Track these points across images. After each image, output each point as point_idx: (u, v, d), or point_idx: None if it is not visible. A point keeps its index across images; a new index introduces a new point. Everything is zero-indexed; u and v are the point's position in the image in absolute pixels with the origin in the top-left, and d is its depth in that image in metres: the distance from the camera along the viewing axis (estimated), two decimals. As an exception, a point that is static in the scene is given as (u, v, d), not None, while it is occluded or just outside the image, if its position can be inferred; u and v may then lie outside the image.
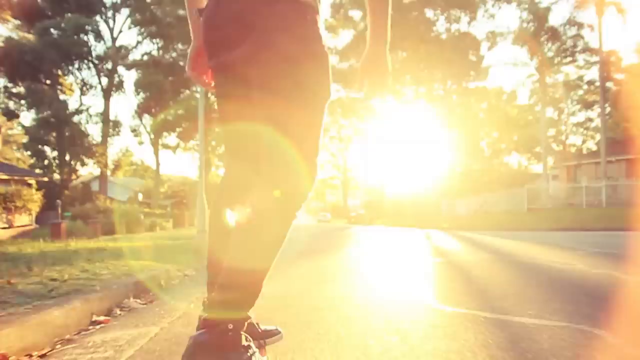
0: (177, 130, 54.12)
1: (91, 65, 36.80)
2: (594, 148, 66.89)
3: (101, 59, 37.27)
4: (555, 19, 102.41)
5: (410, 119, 46.84)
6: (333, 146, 75.83)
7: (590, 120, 70.16)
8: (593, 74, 49.51)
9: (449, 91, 42.84)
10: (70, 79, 37.71)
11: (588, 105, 66.90)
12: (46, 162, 35.53)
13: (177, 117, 46.58)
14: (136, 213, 25.51)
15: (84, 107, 35.92)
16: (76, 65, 35.53)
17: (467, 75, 43.43)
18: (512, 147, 76.19)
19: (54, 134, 34.76)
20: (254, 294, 1.71)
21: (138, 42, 42.54)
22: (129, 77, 40.94)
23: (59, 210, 20.13)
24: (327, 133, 74.92)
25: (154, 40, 42.05)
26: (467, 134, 64.48)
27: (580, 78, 55.32)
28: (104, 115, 37.48)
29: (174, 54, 47.59)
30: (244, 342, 1.62)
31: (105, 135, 36.62)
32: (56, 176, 35.70)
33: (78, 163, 35.89)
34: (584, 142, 69.08)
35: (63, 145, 34.24)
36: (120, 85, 40.06)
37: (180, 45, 43.87)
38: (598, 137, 68.56)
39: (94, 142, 35.40)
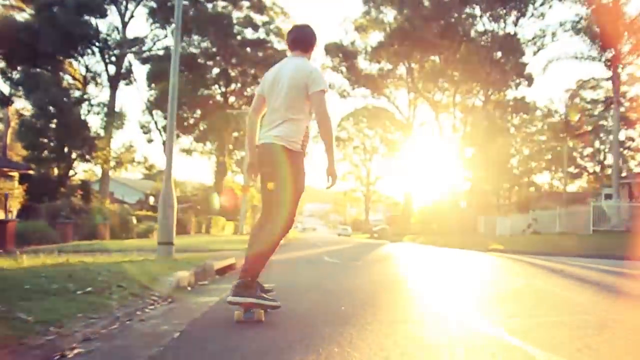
0: (194, 132, 49.91)
1: (96, 50, 32.44)
2: (637, 169, 61.08)
3: (107, 43, 32.84)
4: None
5: (442, 129, 41.73)
6: (356, 156, 70.73)
7: (632, 139, 63.82)
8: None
9: (488, 100, 37.57)
10: (73, 65, 33.47)
11: (630, 124, 60.91)
12: (44, 154, 30.97)
13: (191, 116, 42.11)
14: (125, 215, 20.66)
15: (87, 97, 31.20)
16: (79, 49, 31.20)
17: (507, 82, 38.14)
18: (542, 166, 70.03)
19: (53, 125, 30.26)
20: (258, 270, 3.64)
21: (152, 32, 37.66)
22: (141, 70, 38.08)
23: (5, 206, 15.25)
24: (350, 143, 69.99)
25: (167, 29, 37.63)
26: (499, 149, 59.13)
27: None
28: (109, 107, 32.98)
29: (190, 48, 43.20)
30: (256, 287, 3.59)
31: (108, 129, 32.07)
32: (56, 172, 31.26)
33: (78, 158, 31.25)
34: (624, 162, 62.76)
35: (62, 137, 29.69)
36: (128, 74, 35.67)
37: (196, 37, 39.34)
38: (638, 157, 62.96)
39: (96, 135, 30.77)
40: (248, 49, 46.44)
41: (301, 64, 3.74)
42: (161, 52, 41.06)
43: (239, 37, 46.88)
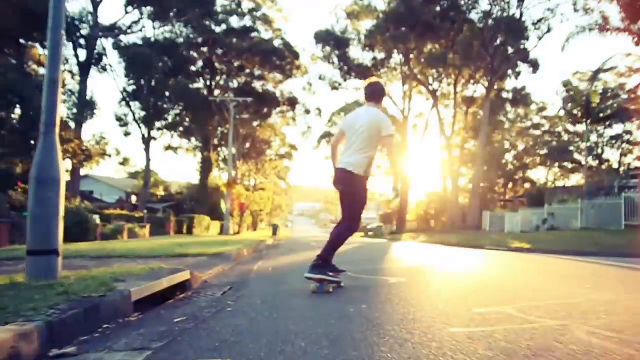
0: (177, 129, 46.16)
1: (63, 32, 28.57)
2: (636, 164, 58.07)
3: (75, 24, 28.90)
4: None
5: (441, 122, 38.20)
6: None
7: (629, 133, 60.64)
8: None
9: (491, 89, 34.06)
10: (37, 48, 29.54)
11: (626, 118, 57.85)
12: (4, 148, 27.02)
13: (172, 108, 38.38)
14: (83, 214, 16.97)
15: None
16: (43, 30, 27.36)
17: (510, 68, 34.71)
18: (537, 161, 66.86)
19: (14, 115, 26.42)
20: (330, 255, 5.00)
21: (126, 17, 33.73)
22: (116, 57, 35.13)
23: None
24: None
25: (145, 10, 33.80)
26: (496, 143, 55.98)
27: None
28: (80, 95, 29.17)
29: (169, 32, 39.40)
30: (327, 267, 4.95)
31: (78, 119, 28.25)
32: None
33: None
34: (623, 155, 59.69)
35: (24, 128, 25.80)
36: (100, 60, 31.78)
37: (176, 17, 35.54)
38: (637, 151, 59.96)
39: (64, 126, 26.89)
40: (234, 40, 42.81)
41: (376, 113, 5.05)
42: (140, 41, 37.33)
43: (224, 26, 43.28)
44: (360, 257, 10.42)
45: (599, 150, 60.96)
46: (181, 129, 47.14)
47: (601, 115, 24.46)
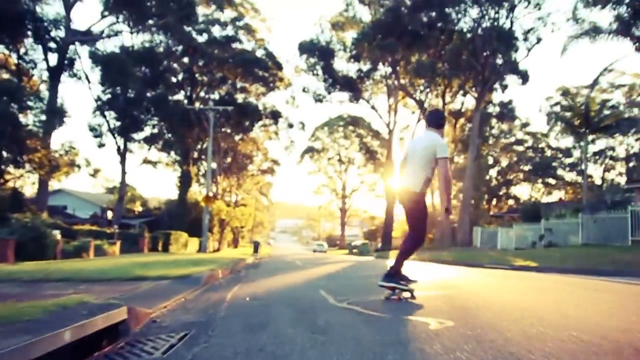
0: (157, 141, 44.01)
1: (29, 33, 26.37)
2: (619, 179, 57.31)
3: (45, 26, 26.78)
4: None
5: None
6: (331, 168, 65.43)
7: (612, 149, 60.06)
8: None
9: (481, 100, 32.70)
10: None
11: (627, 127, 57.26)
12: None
13: (151, 117, 36.27)
14: (40, 230, 14.88)
15: (19, 88, 24.97)
16: (10, 33, 25.17)
17: (500, 79, 33.43)
18: (520, 177, 65.91)
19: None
20: (400, 265, 5.30)
21: (102, 20, 31.59)
22: (91, 63, 32.87)
23: None
24: (325, 154, 64.70)
25: (121, 16, 31.78)
26: (480, 159, 54.76)
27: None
28: (50, 102, 27.02)
29: (149, 41, 37.46)
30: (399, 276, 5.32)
31: (47, 128, 26.07)
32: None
33: (7, 162, 25.24)
34: (606, 171, 58.99)
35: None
36: (72, 65, 29.60)
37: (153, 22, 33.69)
38: (619, 167, 59.28)
39: (30, 135, 24.71)
40: (216, 50, 41.00)
41: (434, 137, 5.41)
42: (117, 49, 35.26)
43: (205, 35, 41.50)
44: (357, 279, 8.57)
45: (582, 166, 60.27)
46: (160, 142, 45.14)
47: (602, 124, 23.15)
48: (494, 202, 64.58)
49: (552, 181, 63.36)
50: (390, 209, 43.86)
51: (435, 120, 5.55)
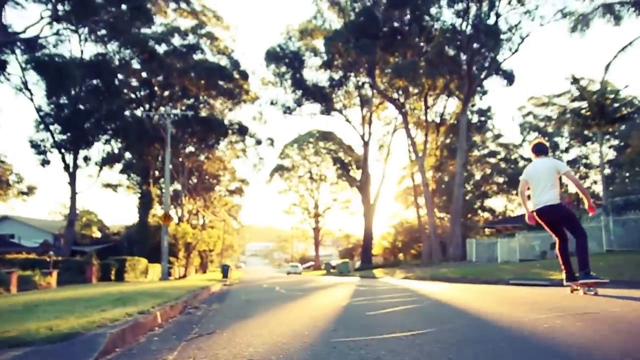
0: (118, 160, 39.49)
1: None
2: (595, 188, 55.26)
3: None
4: None
5: (409, 140, 33.23)
6: (302, 186, 61.45)
7: (585, 157, 58.28)
8: None
9: (468, 104, 29.56)
10: None
11: (584, 140, 55.22)
12: None
13: (103, 132, 31.77)
14: None
15: None
16: None
17: (484, 80, 30.45)
18: (494, 188, 63.24)
19: None
20: (588, 261, 5.78)
21: (42, 19, 27.14)
22: (33, 75, 29.18)
23: None
24: (296, 172, 60.79)
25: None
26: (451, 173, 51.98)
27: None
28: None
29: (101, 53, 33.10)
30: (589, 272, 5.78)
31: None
32: None
33: None
34: (580, 179, 56.78)
35: None
36: (3, 68, 25.10)
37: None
38: (594, 175, 57.35)
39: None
40: (176, 62, 36.97)
41: (551, 160, 6.43)
42: (61, 58, 30.80)
43: (163, 45, 37.44)
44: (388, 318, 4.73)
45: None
46: (120, 164, 40.61)
47: (617, 115, 20.17)
48: (469, 215, 61.81)
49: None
50: (369, 226, 40.21)
51: (543, 149, 6.60)
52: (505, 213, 59.18)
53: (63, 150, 29.98)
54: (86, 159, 32.21)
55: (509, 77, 30.49)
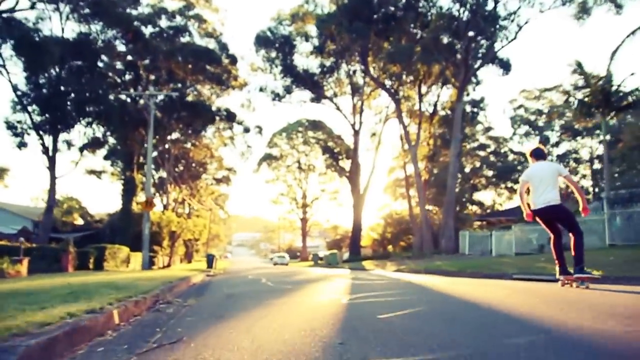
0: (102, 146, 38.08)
1: None
2: (585, 183, 54.66)
3: None
4: None
5: (402, 129, 32.13)
6: (290, 176, 60.28)
7: (575, 152, 57.54)
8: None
9: (463, 92, 28.44)
10: None
11: (574, 135, 54.33)
12: None
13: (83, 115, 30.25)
14: None
15: None
16: None
17: (482, 64, 29.30)
18: (483, 182, 62.44)
19: None
20: (583, 257, 6.11)
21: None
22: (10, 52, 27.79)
23: None
24: (284, 161, 59.58)
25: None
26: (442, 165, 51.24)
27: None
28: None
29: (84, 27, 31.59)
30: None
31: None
32: None
33: None
34: (571, 174, 55.84)
35: None
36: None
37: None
38: (582, 169, 56.78)
39: None
40: (163, 45, 35.47)
41: (551, 164, 6.94)
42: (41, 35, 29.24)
43: (150, 27, 35.91)
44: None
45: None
46: (104, 149, 39.18)
47: (623, 103, 19.24)
48: (458, 208, 61.09)
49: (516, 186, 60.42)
50: (358, 217, 39.22)
51: (542, 154, 6.99)
52: (494, 207, 58.54)
53: (42, 133, 28.51)
54: (67, 143, 30.75)
55: (506, 66, 29.50)
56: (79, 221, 46.01)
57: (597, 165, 53.22)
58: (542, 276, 10.39)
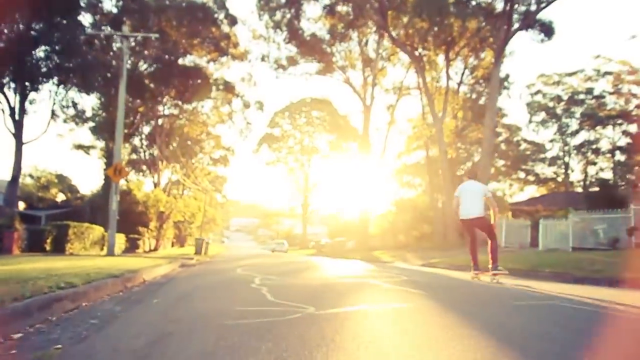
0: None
1: None
2: (607, 176, 50.03)
3: None
4: None
5: (427, 97, 27.48)
6: (291, 157, 55.53)
7: (594, 142, 52.55)
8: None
9: (500, 48, 23.63)
10: None
11: (595, 124, 49.51)
12: None
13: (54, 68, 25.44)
14: None
15: None
16: None
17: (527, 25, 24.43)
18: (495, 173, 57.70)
19: None
20: (497, 257, 7.91)
21: None
22: None
23: None
24: (285, 142, 54.89)
25: None
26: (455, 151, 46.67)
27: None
28: None
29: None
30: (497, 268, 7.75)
31: None
32: None
33: None
34: (589, 164, 51.27)
35: None
36: None
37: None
38: (603, 163, 52.24)
39: None
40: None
41: (480, 185, 8.73)
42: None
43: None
44: None
45: (566, 159, 52.85)
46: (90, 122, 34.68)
47: None
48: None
49: (531, 177, 56.05)
50: (367, 203, 34.74)
51: (473, 175, 11.60)
52: (504, 197, 54.06)
53: (5, 91, 23.86)
54: (30, 102, 25.92)
55: (547, 31, 24.77)
56: (61, 198, 41.35)
57: (618, 157, 48.82)
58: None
